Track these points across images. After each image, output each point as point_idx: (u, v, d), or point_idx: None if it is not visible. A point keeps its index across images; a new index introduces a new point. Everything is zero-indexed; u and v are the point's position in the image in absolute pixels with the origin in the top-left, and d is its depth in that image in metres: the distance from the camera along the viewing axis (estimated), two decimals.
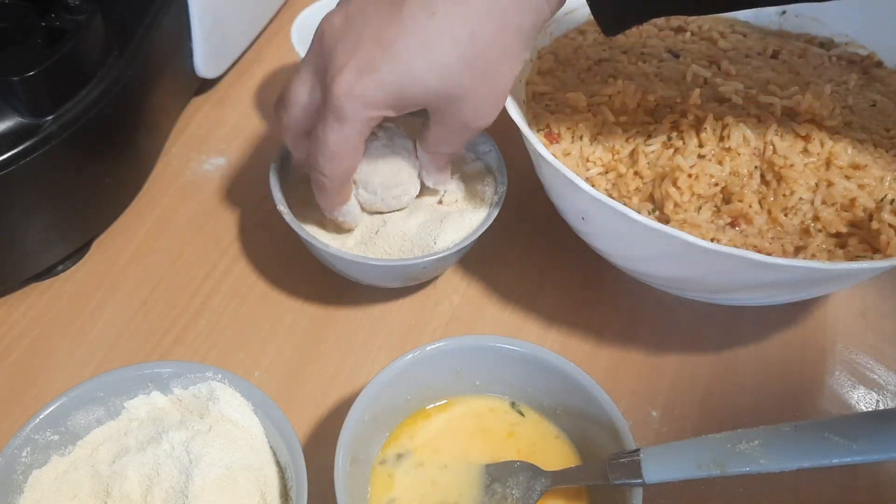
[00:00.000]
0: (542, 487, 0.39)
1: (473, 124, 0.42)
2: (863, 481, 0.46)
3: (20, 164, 0.43)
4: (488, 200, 0.50)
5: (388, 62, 0.39)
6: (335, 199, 0.45)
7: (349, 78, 0.39)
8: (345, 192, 0.45)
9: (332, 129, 0.41)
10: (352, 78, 0.39)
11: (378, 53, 0.39)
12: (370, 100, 0.39)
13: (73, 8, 0.46)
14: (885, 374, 0.51)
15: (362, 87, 0.39)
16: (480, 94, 0.41)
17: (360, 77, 0.39)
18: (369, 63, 0.39)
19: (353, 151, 0.42)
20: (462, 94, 0.40)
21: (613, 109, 0.50)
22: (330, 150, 0.41)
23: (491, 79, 0.40)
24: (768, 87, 0.50)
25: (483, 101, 0.41)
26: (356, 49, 0.39)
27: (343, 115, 0.40)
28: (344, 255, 0.46)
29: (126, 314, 0.50)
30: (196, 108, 0.63)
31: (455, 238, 0.47)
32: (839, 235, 0.45)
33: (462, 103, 0.41)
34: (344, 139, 0.41)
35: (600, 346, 0.51)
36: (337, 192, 0.44)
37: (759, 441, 0.35)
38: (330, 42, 0.40)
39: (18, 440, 0.37)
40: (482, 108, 0.41)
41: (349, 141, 0.41)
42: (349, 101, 0.39)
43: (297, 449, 0.38)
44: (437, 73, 0.39)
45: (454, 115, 0.42)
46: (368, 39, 0.39)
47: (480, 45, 0.39)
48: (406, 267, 0.47)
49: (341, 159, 0.42)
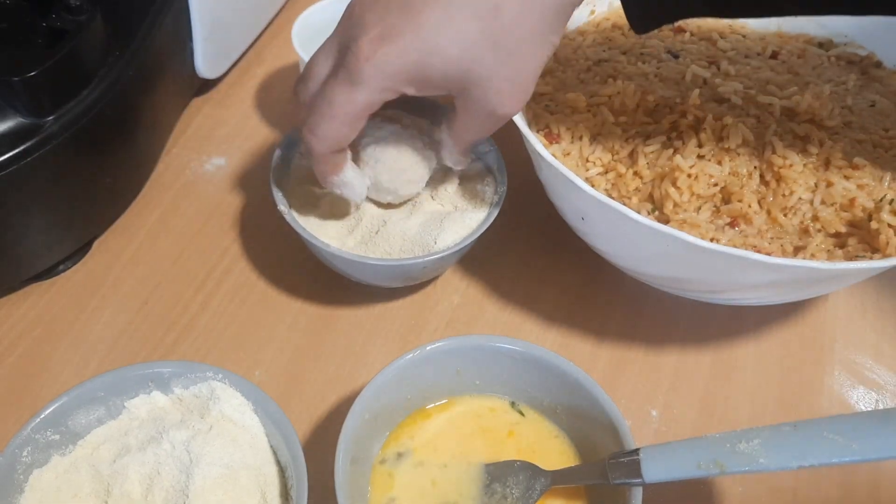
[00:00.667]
0: (541, 487, 0.39)
1: (500, 110, 0.41)
2: (862, 481, 0.46)
3: (21, 164, 0.43)
4: (488, 200, 0.50)
5: (413, 31, 0.38)
6: (326, 167, 0.43)
7: (373, 43, 0.38)
8: (337, 161, 0.43)
9: (342, 89, 0.39)
10: (375, 43, 0.38)
11: (403, 22, 0.38)
12: (390, 68, 0.38)
13: (73, 8, 0.46)
14: (885, 373, 0.51)
15: (384, 54, 0.38)
16: (504, 76, 0.39)
17: (383, 43, 0.38)
18: (393, 30, 0.38)
19: (355, 119, 0.40)
20: (485, 75, 0.39)
21: (613, 110, 0.50)
22: (333, 111, 0.40)
23: (516, 60, 0.39)
24: (767, 88, 0.50)
25: (508, 85, 0.40)
26: (384, 18, 0.38)
27: (359, 78, 0.38)
28: (344, 254, 0.46)
29: (127, 314, 0.50)
30: (197, 109, 0.63)
31: (455, 238, 0.47)
32: (838, 235, 0.45)
33: (485, 87, 0.39)
34: (350, 102, 0.39)
35: (600, 346, 0.51)
36: (327, 158, 0.43)
37: (758, 440, 0.35)
38: (359, 11, 0.39)
39: (19, 440, 0.37)
40: (507, 92, 0.40)
41: (355, 106, 0.40)
42: (368, 66, 0.38)
43: (297, 448, 0.38)
44: (459, 45, 0.38)
45: (479, 101, 0.40)
46: (396, 8, 0.38)
47: (505, 20, 0.38)
48: (406, 267, 0.47)
49: (339, 124, 0.40)
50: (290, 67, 0.67)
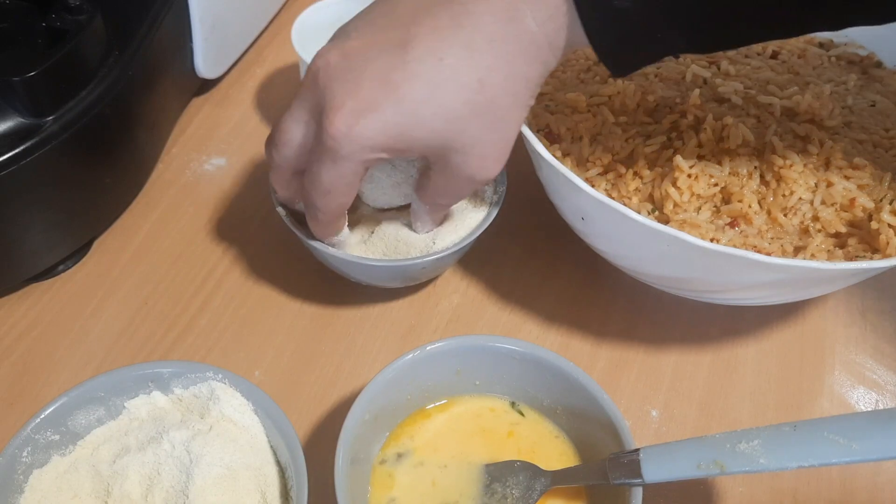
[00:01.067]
0: (541, 487, 0.39)
1: (479, 176, 0.41)
2: (862, 481, 0.46)
3: (21, 164, 0.43)
4: (488, 200, 0.50)
5: (394, 104, 0.37)
6: (329, 230, 0.45)
7: (347, 118, 0.37)
8: (338, 224, 0.45)
9: (327, 167, 0.39)
10: (350, 119, 0.37)
11: (382, 95, 0.37)
12: (369, 141, 0.38)
13: (73, 8, 0.46)
14: (885, 373, 0.51)
15: (361, 128, 0.38)
16: (487, 144, 0.40)
17: (360, 118, 0.37)
18: (371, 104, 0.37)
19: (348, 189, 0.41)
20: (469, 143, 0.39)
21: (613, 110, 0.50)
22: (324, 188, 0.40)
23: (499, 128, 0.39)
24: (768, 88, 0.50)
25: (489, 152, 0.40)
26: (357, 89, 0.38)
27: (339, 155, 0.38)
28: (343, 255, 0.46)
29: (127, 314, 0.50)
30: (196, 109, 0.63)
31: (455, 238, 0.47)
32: (838, 235, 0.45)
33: (468, 153, 0.39)
34: (339, 177, 0.40)
35: (600, 346, 0.51)
36: (331, 224, 0.44)
37: (758, 441, 0.35)
38: (325, 80, 0.38)
39: (19, 440, 0.37)
40: (488, 158, 0.40)
41: (344, 179, 0.40)
42: (346, 141, 0.38)
43: (297, 449, 0.38)
44: (443, 118, 0.38)
45: (459, 167, 0.40)
46: (371, 80, 0.38)
47: (489, 93, 0.38)
48: (405, 267, 0.47)
49: (335, 196, 0.41)
50: (290, 67, 0.67)
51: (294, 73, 0.66)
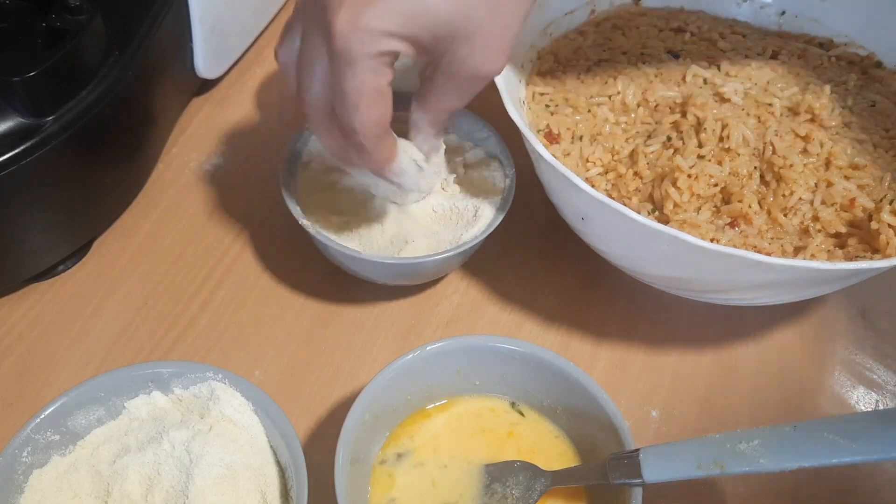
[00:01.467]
0: (541, 487, 0.39)
1: (485, 68, 0.38)
2: (862, 481, 0.46)
3: (21, 164, 0.43)
4: (500, 185, 0.50)
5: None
6: (379, 157, 0.40)
7: (349, 12, 0.35)
8: (387, 147, 0.41)
9: (345, 76, 0.36)
10: (352, 11, 0.35)
11: None
12: (378, 28, 0.35)
13: (73, 8, 0.46)
14: (885, 373, 0.51)
15: (367, 17, 0.35)
16: (491, 32, 0.37)
17: (363, 8, 0.35)
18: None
19: (377, 95, 0.38)
20: (474, 31, 0.37)
21: (613, 110, 0.50)
22: (351, 101, 0.37)
23: (502, 14, 0.37)
24: (768, 88, 0.50)
25: (493, 41, 0.38)
26: None
27: (351, 55, 0.36)
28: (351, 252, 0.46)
29: (127, 314, 0.50)
30: (196, 109, 0.63)
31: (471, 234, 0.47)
32: (838, 235, 0.45)
33: (474, 42, 0.37)
34: (361, 83, 0.37)
35: (600, 346, 0.51)
36: (376, 147, 0.40)
37: (758, 441, 0.35)
38: None
39: (19, 440, 0.37)
40: (492, 48, 0.38)
41: (367, 83, 0.37)
42: (355, 35, 0.35)
43: (297, 449, 0.38)
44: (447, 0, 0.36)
45: (464, 60, 0.38)
46: None
47: None
48: (414, 265, 0.47)
49: (367, 107, 0.37)
50: None
51: None
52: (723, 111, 0.48)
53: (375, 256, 0.46)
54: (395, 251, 0.47)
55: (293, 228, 0.48)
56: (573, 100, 0.51)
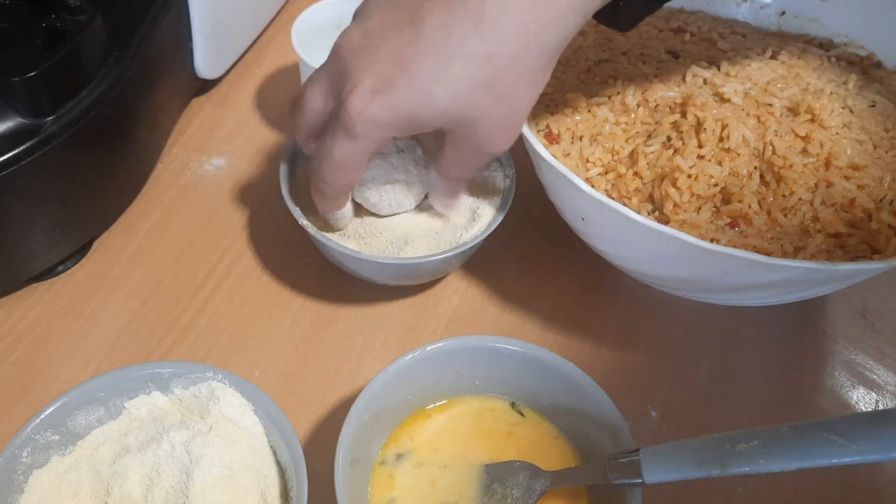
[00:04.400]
0: (541, 487, 0.39)
1: (486, 149, 0.41)
2: (862, 481, 0.46)
3: (21, 164, 0.43)
4: (500, 185, 0.50)
5: (405, 82, 0.38)
6: (333, 205, 0.46)
7: (364, 97, 0.39)
8: (342, 200, 0.46)
9: (341, 143, 0.40)
10: (366, 97, 0.38)
11: (395, 73, 0.38)
12: (382, 120, 0.39)
13: (73, 9, 0.46)
14: (885, 374, 0.51)
15: (375, 107, 0.39)
16: (495, 118, 0.40)
17: (375, 97, 0.38)
18: (385, 82, 0.38)
19: (358, 166, 0.42)
20: (476, 117, 0.39)
21: (613, 110, 0.50)
22: (335, 162, 0.41)
23: (507, 102, 0.39)
24: (768, 88, 0.50)
25: (497, 126, 0.40)
26: (372, 66, 0.39)
27: (353, 133, 0.40)
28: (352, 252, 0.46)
29: (127, 314, 0.50)
30: (196, 109, 0.63)
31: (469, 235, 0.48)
32: (838, 236, 0.45)
33: (475, 127, 0.40)
34: (350, 154, 0.41)
35: (600, 346, 0.51)
36: (336, 199, 0.45)
37: (758, 441, 0.35)
38: (347, 58, 0.40)
39: (19, 440, 0.37)
40: (496, 133, 0.41)
41: (355, 157, 0.41)
42: (361, 120, 0.39)
43: (297, 449, 0.38)
44: (450, 94, 0.38)
45: (467, 139, 0.41)
46: (385, 58, 0.38)
47: (497, 65, 0.38)
48: (415, 265, 0.47)
49: (345, 172, 0.42)
50: (290, 67, 0.67)
51: (294, 74, 0.66)
52: (723, 111, 0.48)
53: (375, 256, 0.46)
54: (395, 251, 0.47)
55: (293, 228, 0.48)
56: (573, 100, 0.51)
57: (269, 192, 0.56)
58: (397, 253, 0.47)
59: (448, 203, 0.47)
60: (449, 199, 0.47)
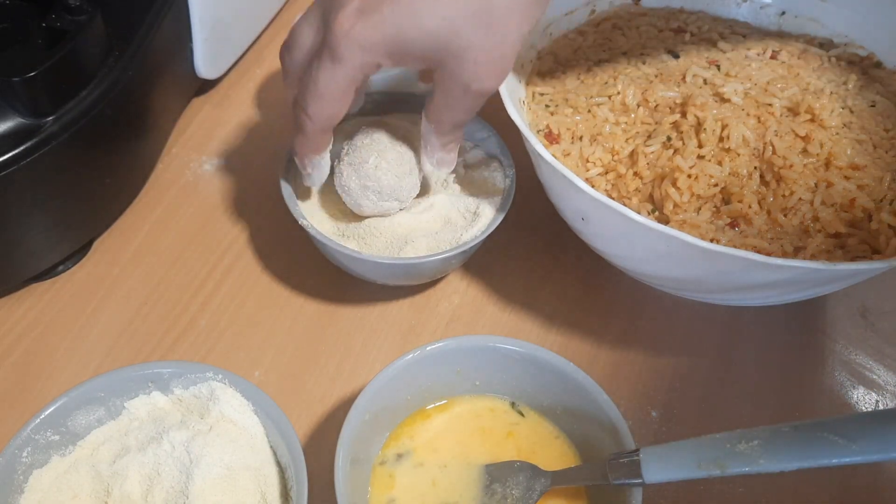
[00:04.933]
0: (541, 487, 0.39)
1: (476, 85, 0.40)
2: (862, 481, 0.46)
3: (21, 164, 0.43)
4: (500, 185, 0.50)
5: (391, 3, 0.38)
6: (312, 145, 0.44)
7: (350, 17, 0.38)
8: (323, 140, 0.44)
9: (326, 68, 0.39)
10: (352, 17, 0.38)
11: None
12: (367, 41, 0.38)
13: (73, 9, 0.46)
14: (885, 374, 0.51)
15: (361, 27, 0.38)
16: (483, 50, 0.39)
17: (361, 16, 0.38)
18: (372, 3, 0.38)
19: (342, 96, 0.41)
20: (464, 47, 0.38)
21: (613, 110, 0.50)
22: (319, 90, 0.40)
23: (496, 33, 0.39)
24: (768, 88, 0.50)
25: (486, 59, 0.39)
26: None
27: (338, 55, 0.39)
28: (352, 252, 0.46)
29: (127, 314, 0.50)
30: (196, 109, 0.63)
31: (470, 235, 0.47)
32: (838, 236, 0.45)
33: (463, 58, 0.39)
34: (335, 81, 0.40)
35: (600, 347, 0.51)
36: (316, 136, 0.43)
37: (758, 441, 0.35)
38: None
39: (19, 440, 0.37)
40: (484, 66, 0.39)
41: (339, 83, 0.40)
42: (346, 41, 0.38)
43: (297, 449, 0.38)
44: (436, 17, 0.38)
45: (455, 75, 0.40)
46: None
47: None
48: (415, 265, 0.47)
49: (328, 101, 0.41)
50: None
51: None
52: (723, 111, 0.48)
53: (375, 256, 0.46)
54: (395, 251, 0.47)
55: (293, 228, 0.48)
56: (573, 100, 0.51)
57: (270, 192, 0.55)
58: (397, 253, 0.47)
59: (443, 158, 0.46)
60: (442, 152, 0.45)
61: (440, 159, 0.46)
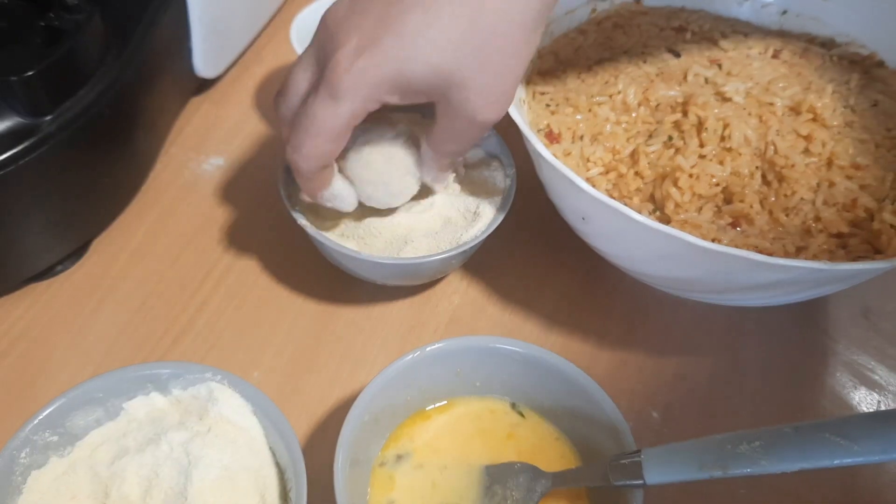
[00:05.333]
0: (542, 489, 0.39)
1: (478, 117, 0.40)
2: (864, 482, 0.46)
3: (19, 164, 0.43)
4: (500, 185, 0.50)
5: (391, 39, 0.37)
6: (313, 183, 0.43)
7: (350, 56, 0.38)
8: (324, 177, 0.43)
9: (324, 104, 0.39)
10: (352, 54, 0.38)
11: (381, 31, 0.37)
12: (370, 78, 0.38)
13: (71, 7, 0.46)
14: (887, 374, 0.51)
15: (363, 63, 0.38)
16: (484, 81, 0.39)
17: (361, 53, 0.38)
18: (371, 39, 0.38)
19: (338, 135, 0.40)
20: (467, 77, 0.38)
21: (614, 109, 0.50)
22: (315, 127, 0.39)
23: (495, 65, 0.39)
24: (769, 87, 0.50)
25: (487, 90, 0.39)
26: (360, 28, 0.38)
27: (339, 92, 0.38)
28: (352, 252, 0.45)
29: (125, 315, 0.50)
30: (195, 108, 0.63)
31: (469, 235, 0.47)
32: (840, 236, 0.45)
33: (465, 90, 0.39)
34: (333, 118, 0.39)
35: (601, 347, 0.51)
36: (314, 175, 0.42)
37: (760, 442, 0.35)
38: (333, 27, 0.39)
39: (17, 441, 0.37)
40: (486, 97, 0.39)
41: (338, 121, 0.39)
42: (348, 77, 0.38)
43: (296, 450, 0.37)
44: (439, 51, 0.37)
45: (459, 106, 0.40)
46: (372, 19, 0.38)
47: (485, 22, 0.37)
48: (415, 265, 0.46)
49: (324, 139, 0.40)
50: (289, 66, 0.67)
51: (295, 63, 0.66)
52: (724, 111, 0.48)
53: (375, 257, 0.46)
54: (395, 251, 0.47)
55: (292, 228, 0.48)
56: (574, 99, 0.50)
57: (268, 192, 0.55)
58: (397, 253, 0.47)
59: (438, 177, 0.46)
60: (440, 173, 0.46)
61: (435, 177, 0.46)
